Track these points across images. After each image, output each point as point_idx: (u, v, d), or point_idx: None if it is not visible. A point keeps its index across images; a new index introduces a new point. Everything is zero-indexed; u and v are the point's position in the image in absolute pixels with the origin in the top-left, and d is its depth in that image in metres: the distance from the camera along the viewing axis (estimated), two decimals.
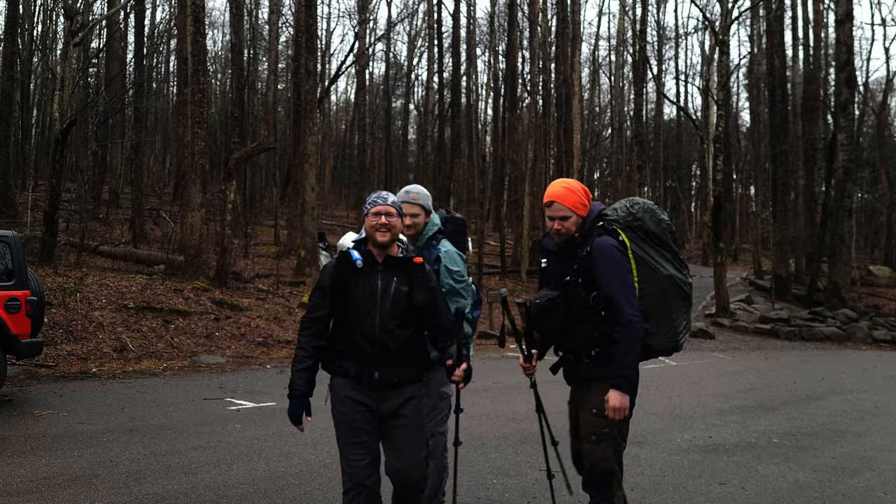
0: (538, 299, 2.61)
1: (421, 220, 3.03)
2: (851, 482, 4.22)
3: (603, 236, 2.55)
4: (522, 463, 4.41)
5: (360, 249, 2.55)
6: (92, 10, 16.40)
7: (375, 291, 2.47)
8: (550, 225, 2.60)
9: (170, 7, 27.15)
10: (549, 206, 2.60)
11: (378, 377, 2.46)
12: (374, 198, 2.57)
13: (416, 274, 2.52)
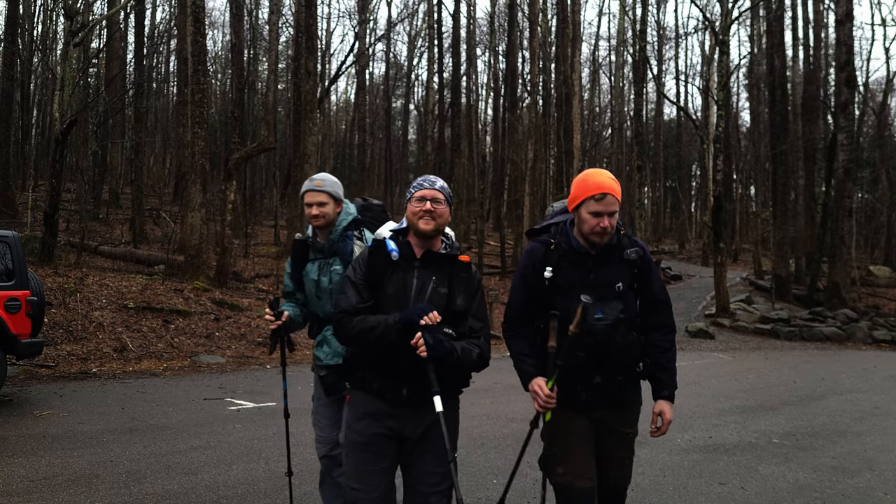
0: (598, 313, 2.20)
1: (330, 210, 2.75)
2: (851, 482, 4.22)
3: (632, 238, 2.36)
4: (522, 463, 4.41)
5: (397, 240, 2.22)
6: (92, 10, 16.41)
7: (409, 290, 2.13)
8: (596, 223, 2.17)
9: (170, 7, 27.18)
10: (599, 200, 2.18)
11: (407, 394, 2.09)
12: (420, 181, 2.24)
13: (460, 274, 2.18)
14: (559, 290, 2.25)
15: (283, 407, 2.94)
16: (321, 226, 2.75)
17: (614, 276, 2.24)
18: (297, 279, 2.84)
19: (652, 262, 2.33)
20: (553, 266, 2.25)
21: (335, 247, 2.76)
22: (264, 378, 7.90)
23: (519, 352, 2.32)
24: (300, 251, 2.82)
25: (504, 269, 21.66)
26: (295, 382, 7.38)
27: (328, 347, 2.72)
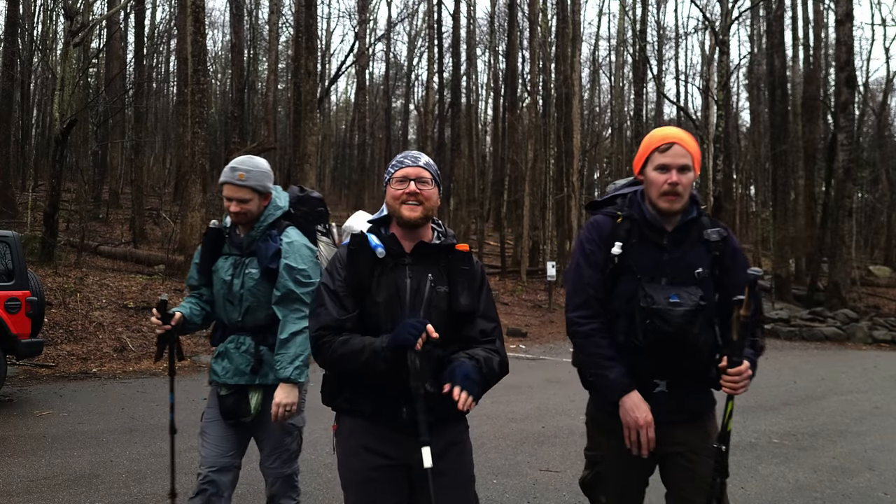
0: (673, 297, 1.80)
1: (254, 207, 2.36)
2: (851, 482, 4.22)
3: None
4: (522, 463, 4.41)
5: (378, 234, 1.82)
6: (92, 10, 16.39)
7: (403, 293, 1.74)
8: (663, 180, 1.81)
9: (170, 7, 27.18)
10: (664, 150, 1.82)
11: (407, 415, 1.69)
12: (401, 157, 1.83)
13: (460, 267, 1.80)
14: (624, 272, 1.84)
15: (170, 422, 2.53)
16: (242, 223, 2.40)
17: (693, 258, 1.85)
18: (206, 273, 2.47)
19: (738, 248, 1.94)
20: (623, 242, 1.86)
21: (254, 246, 2.39)
22: None
23: (599, 354, 1.84)
24: (213, 242, 2.44)
25: (504, 269, 21.66)
26: None
27: (229, 363, 2.37)
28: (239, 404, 2.37)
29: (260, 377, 2.37)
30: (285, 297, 2.34)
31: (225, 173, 2.40)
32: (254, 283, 2.36)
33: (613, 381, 1.84)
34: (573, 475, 4.23)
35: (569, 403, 6.57)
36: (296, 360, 2.30)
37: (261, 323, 2.39)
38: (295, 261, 2.37)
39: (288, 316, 2.33)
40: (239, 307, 2.38)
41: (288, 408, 2.30)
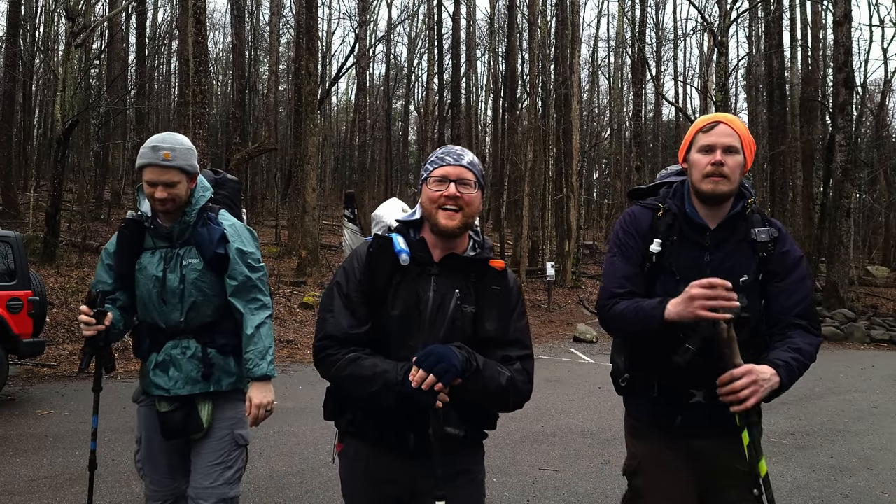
0: None
1: (182, 191, 2.05)
2: (850, 481, 4.25)
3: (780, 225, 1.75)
4: (522, 462, 4.44)
5: (407, 236, 1.60)
6: (93, 11, 16.42)
7: (424, 307, 1.53)
8: (706, 161, 1.63)
9: (171, 9, 27.21)
10: (708, 130, 1.65)
11: (414, 443, 1.52)
12: (441, 153, 1.58)
13: (491, 286, 1.58)
14: (663, 272, 1.67)
15: (89, 456, 2.17)
16: (170, 210, 2.06)
17: (737, 262, 1.66)
18: (125, 275, 2.10)
19: (791, 251, 1.70)
20: (662, 239, 1.68)
21: (190, 233, 2.07)
22: None
23: (628, 303, 1.67)
24: (133, 235, 2.09)
25: None
26: (296, 382, 7.40)
27: (177, 371, 2.06)
28: (188, 419, 2.06)
29: (213, 383, 2.09)
30: (242, 285, 2.07)
31: (144, 154, 2.03)
32: (197, 274, 2.06)
33: (647, 305, 1.61)
34: (572, 474, 4.26)
35: (568, 403, 6.60)
36: (266, 353, 2.09)
37: (207, 321, 2.10)
38: (243, 244, 2.11)
39: (247, 307, 2.08)
40: (180, 306, 2.05)
41: (268, 407, 2.11)
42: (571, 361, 10.23)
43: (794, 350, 1.63)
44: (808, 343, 1.66)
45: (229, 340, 2.14)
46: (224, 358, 2.13)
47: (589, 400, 6.85)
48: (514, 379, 1.56)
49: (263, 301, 2.12)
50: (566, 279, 19.15)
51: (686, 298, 1.55)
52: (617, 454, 4.73)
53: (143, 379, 2.16)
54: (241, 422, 2.18)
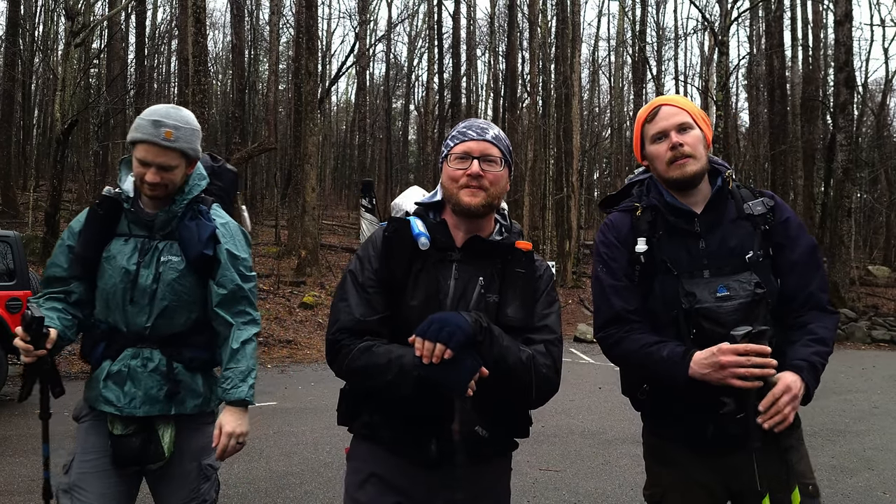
0: (721, 289, 1.47)
1: (178, 177, 1.76)
2: (851, 482, 4.24)
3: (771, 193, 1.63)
4: (522, 462, 4.43)
5: (426, 220, 1.45)
6: (93, 10, 16.42)
7: (444, 296, 1.39)
8: (664, 149, 1.53)
9: (171, 8, 27.21)
10: (652, 119, 1.57)
11: (436, 451, 1.35)
12: (463, 127, 1.45)
13: (515, 269, 1.43)
14: (658, 271, 1.53)
15: (43, 485, 1.80)
16: (159, 197, 1.76)
17: (737, 240, 1.52)
18: (88, 261, 1.76)
19: (791, 218, 1.57)
20: (647, 237, 1.56)
21: (175, 226, 1.77)
22: (264, 378, 7.92)
23: (643, 343, 1.49)
24: (106, 216, 1.77)
25: None
26: (295, 382, 7.40)
27: (134, 387, 1.73)
28: (147, 445, 1.74)
29: (176, 405, 1.76)
30: (232, 295, 1.79)
31: (142, 128, 1.72)
32: (176, 275, 1.75)
33: (668, 356, 1.45)
34: (572, 474, 4.25)
35: (568, 403, 6.59)
36: (248, 376, 1.78)
37: (177, 331, 1.78)
38: (236, 247, 1.83)
39: (235, 320, 1.79)
40: (148, 309, 1.73)
41: (241, 439, 1.77)
42: (572, 361, 10.22)
43: (815, 341, 1.49)
44: (826, 326, 1.53)
45: (199, 355, 1.82)
46: (191, 375, 1.80)
47: (589, 400, 6.84)
48: (537, 360, 1.35)
49: (253, 315, 1.83)
50: (567, 279, 19.16)
51: (715, 364, 1.38)
52: (617, 454, 4.72)
53: (90, 390, 1.80)
54: (208, 450, 1.81)
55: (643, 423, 1.69)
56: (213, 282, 1.79)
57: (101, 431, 1.80)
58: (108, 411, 1.76)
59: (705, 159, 1.56)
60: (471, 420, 1.32)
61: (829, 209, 20.41)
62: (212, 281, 1.80)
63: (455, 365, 1.24)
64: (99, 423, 1.81)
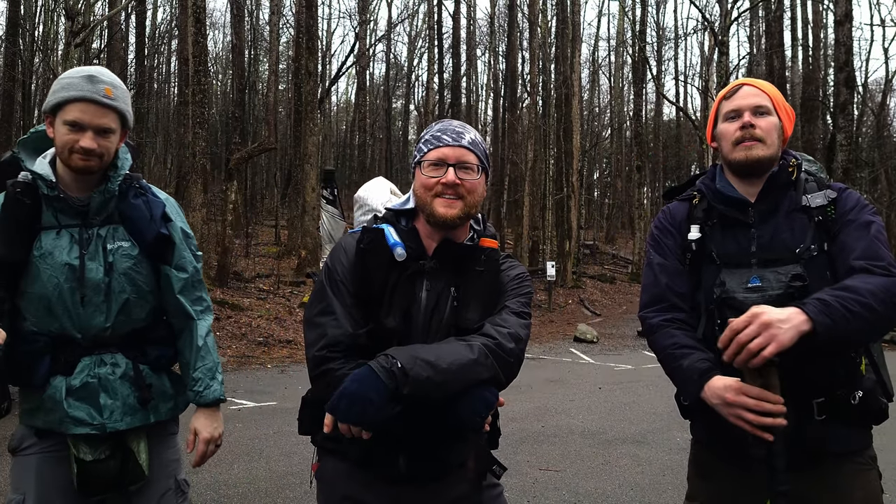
0: (754, 280, 1.36)
1: (113, 146, 1.53)
2: None
3: (845, 186, 1.49)
4: (522, 462, 4.43)
5: (399, 228, 1.37)
6: (93, 10, 16.42)
7: (416, 308, 1.32)
8: (734, 128, 1.45)
9: (171, 8, 27.22)
10: (730, 97, 1.48)
11: (406, 466, 1.31)
12: (437, 131, 1.36)
13: (475, 268, 1.35)
14: (707, 262, 1.45)
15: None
16: (93, 170, 1.50)
17: (790, 233, 1.40)
18: (14, 264, 1.49)
19: (857, 207, 1.41)
20: (700, 224, 1.48)
21: (114, 207, 1.54)
22: (265, 378, 7.92)
23: (672, 344, 1.42)
24: (24, 206, 1.49)
25: None
26: (295, 382, 7.40)
27: (110, 398, 1.51)
28: (125, 466, 1.54)
29: (152, 412, 1.59)
30: (191, 279, 1.63)
31: (75, 85, 1.46)
32: (131, 262, 1.54)
33: (688, 368, 1.36)
34: (573, 474, 4.25)
35: (569, 403, 6.59)
36: (217, 371, 1.64)
37: (138, 327, 1.59)
38: (185, 224, 1.70)
39: (194, 309, 1.63)
40: (105, 306, 1.51)
41: (219, 441, 1.65)
42: (572, 361, 10.22)
43: (839, 289, 1.27)
44: (866, 282, 1.28)
45: (163, 352, 1.63)
46: (158, 377, 1.62)
47: (589, 400, 6.84)
48: (488, 344, 1.24)
49: (207, 301, 1.68)
50: (567, 279, 19.16)
51: (724, 400, 1.29)
52: (617, 454, 4.73)
53: (45, 414, 1.51)
54: (180, 462, 1.69)
55: (691, 432, 1.58)
56: (169, 266, 1.61)
57: (57, 463, 1.52)
58: (81, 433, 1.49)
59: (777, 148, 1.47)
60: (487, 459, 1.26)
61: None
62: (167, 266, 1.61)
63: (468, 401, 1.20)
64: (52, 452, 1.52)
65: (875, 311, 1.25)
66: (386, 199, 1.60)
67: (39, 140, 1.58)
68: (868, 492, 1.39)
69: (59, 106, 1.48)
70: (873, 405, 1.39)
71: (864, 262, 1.32)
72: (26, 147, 1.57)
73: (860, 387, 1.37)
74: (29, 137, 1.58)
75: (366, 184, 1.75)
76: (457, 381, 1.20)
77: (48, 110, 1.50)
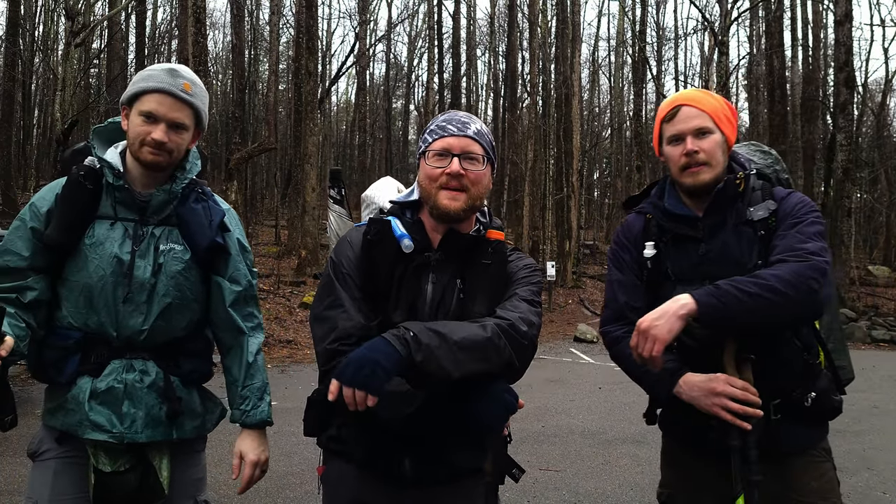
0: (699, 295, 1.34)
1: (185, 143, 1.50)
2: (850, 482, 4.24)
3: (791, 189, 1.52)
4: (522, 462, 4.42)
5: (404, 220, 1.36)
6: (93, 10, 16.42)
7: (422, 302, 1.30)
8: (678, 153, 1.47)
9: (171, 8, 27.22)
10: (670, 119, 1.50)
11: (411, 468, 1.28)
12: (443, 121, 1.34)
13: (481, 261, 1.33)
14: (663, 277, 1.49)
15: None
16: (161, 166, 1.46)
17: (739, 247, 1.43)
18: (60, 249, 1.43)
19: (797, 211, 1.43)
20: (655, 241, 1.52)
21: (174, 209, 1.50)
22: None
23: None
24: (86, 191, 1.43)
25: None
26: (296, 382, 7.40)
27: (133, 406, 1.44)
28: (146, 481, 1.46)
29: (176, 428, 1.51)
30: (245, 293, 1.57)
31: (155, 77, 1.44)
32: (180, 267, 1.48)
33: (657, 374, 1.41)
34: (573, 474, 4.25)
35: (569, 403, 6.59)
36: (265, 392, 1.59)
37: (176, 336, 1.51)
38: (243, 237, 1.61)
39: (246, 325, 1.57)
40: (146, 308, 1.45)
41: (265, 466, 1.62)
42: (572, 361, 10.22)
43: (745, 276, 1.33)
44: (776, 268, 1.33)
45: (197, 367, 1.56)
46: (188, 392, 1.54)
47: (590, 400, 6.84)
48: (501, 324, 1.21)
49: (260, 319, 1.61)
50: (567, 279, 19.16)
51: (708, 390, 1.35)
52: (618, 454, 4.73)
53: (65, 416, 1.44)
54: (203, 482, 1.64)
55: (660, 427, 1.70)
56: (222, 278, 1.54)
57: (75, 471, 1.45)
58: (99, 439, 1.41)
59: (722, 165, 1.48)
60: (507, 462, 1.25)
61: (829, 209, 20.41)
62: (220, 277, 1.54)
63: (487, 402, 1.17)
64: (72, 459, 1.46)
65: (779, 292, 1.29)
66: (392, 197, 1.58)
67: (115, 131, 1.55)
68: (822, 483, 1.47)
69: (136, 96, 1.46)
70: (826, 405, 1.48)
71: (780, 255, 1.37)
72: (100, 136, 1.54)
73: (814, 388, 1.46)
74: (105, 127, 1.56)
75: (374, 183, 1.68)
76: (471, 360, 1.16)
77: (125, 101, 1.48)
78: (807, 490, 1.45)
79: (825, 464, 1.52)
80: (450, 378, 1.15)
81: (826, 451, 1.54)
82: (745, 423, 1.33)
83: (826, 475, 1.50)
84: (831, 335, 1.55)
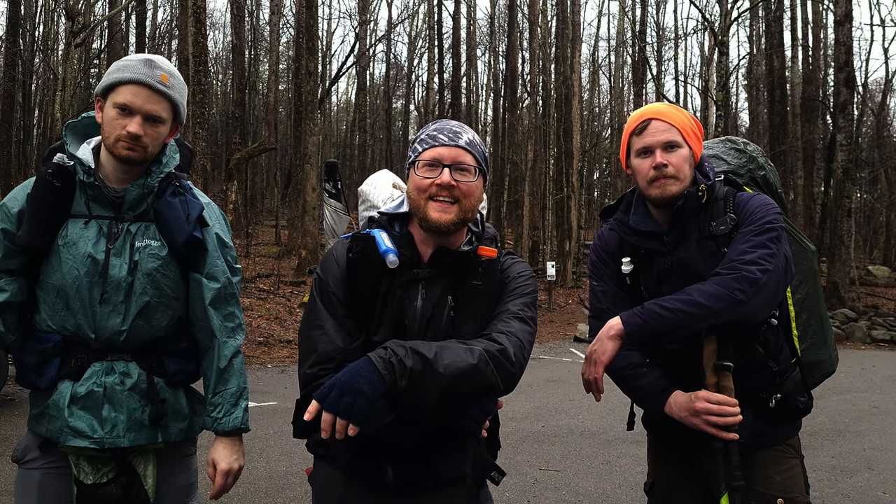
0: None
1: (162, 137, 1.45)
2: (850, 481, 4.24)
3: (753, 193, 1.52)
4: (522, 462, 4.43)
5: (392, 233, 1.32)
6: (93, 10, 16.43)
7: (411, 321, 1.26)
8: (647, 167, 1.48)
9: (171, 8, 27.23)
10: (640, 132, 1.51)
11: (394, 477, 1.27)
12: (433, 131, 1.29)
13: (472, 281, 1.29)
14: (641, 293, 1.53)
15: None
16: (136, 160, 1.41)
17: (703, 262, 1.45)
18: (36, 249, 1.40)
19: (753, 217, 1.43)
20: (631, 255, 1.54)
21: (150, 204, 1.45)
22: (265, 377, 7.92)
23: (628, 364, 1.53)
24: (54, 190, 1.40)
25: None
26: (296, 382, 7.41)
27: (114, 410, 1.40)
28: (128, 490, 1.42)
29: (161, 431, 1.46)
30: (224, 291, 1.50)
31: (131, 68, 1.39)
32: (157, 263, 1.43)
33: (647, 387, 1.49)
34: (573, 474, 4.26)
35: (568, 403, 6.59)
36: (241, 397, 1.50)
37: (157, 336, 1.46)
38: (223, 232, 1.55)
39: (223, 325, 1.50)
40: (124, 307, 1.40)
41: (239, 473, 1.53)
42: (572, 361, 10.23)
43: (666, 297, 1.41)
44: (705, 283, 1.38)
45: (183, 367, 1.50)
46: (174, 393, 1.48)
47: (589, 400, 6.81)
48: (491, 350, 1.18)
49: (240, 319, 1.53)
50: (567, 279, 19.16)
51: (691, 410, 1.43)
52: (618, 454, 4.73)
53: (47, 422, 1.41)
54: (193, 488, 1.56)
55: (644, 426, 1.79)
56: (200, 274, 1.48)
57: (61, 482, 1.41)
58: (80, 445, 1.37)
59: (689, 179, 1.51)
60: (485, 465, 1.23)
61: (829, 209, 20.42)
62: (198, 273, 1.48)
63: (465, 405, 1.16)
64: (57, 470, 1.42)
65: (701, 305, 1.37)
66: (387, 196, 1.54)
67: (90, 125, 1.50)
68: (786, 477, 1.51)
69: (111, 87, 1.40)
70: (791, 405, 1.52)
71: (719, 268, 1.42)
72: (74, 131, 1.48)
73: (780, 390, 1.51)
74: (79, 122, 1.49)
75: (370, 176, 1.69)
76: (454, 387, 1.14)
77: (99, 92, 1.42)
78: (769, 482, 1.50)
79: (791, 459, 1.55)
80: (426, 404, 1.15)
81: (794, 449, 1.58)
82: (728, 433, 1.40)
83: (790, 471, 1.53)
84: (808, 332, 1.61)
